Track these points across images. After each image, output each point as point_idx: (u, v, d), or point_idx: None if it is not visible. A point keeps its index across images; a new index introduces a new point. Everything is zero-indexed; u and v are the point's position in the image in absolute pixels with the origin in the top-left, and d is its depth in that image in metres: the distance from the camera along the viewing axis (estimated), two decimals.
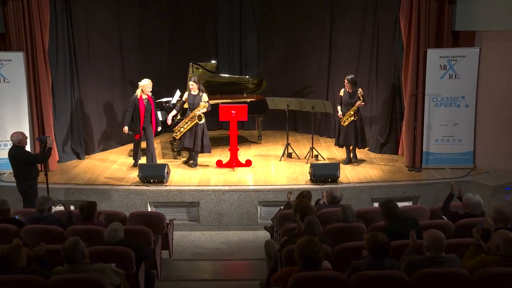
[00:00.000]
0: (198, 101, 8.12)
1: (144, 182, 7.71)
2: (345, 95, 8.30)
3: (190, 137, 8.16)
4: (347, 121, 8.25)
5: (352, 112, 8.20)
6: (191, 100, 8.16)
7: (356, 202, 7.55)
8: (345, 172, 8.22)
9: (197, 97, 8.17)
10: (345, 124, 8.26)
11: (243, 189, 7.61)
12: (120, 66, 9.91)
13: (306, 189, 7.01)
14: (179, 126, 8.31)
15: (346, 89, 8.29)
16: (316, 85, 10.75)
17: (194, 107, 8.13)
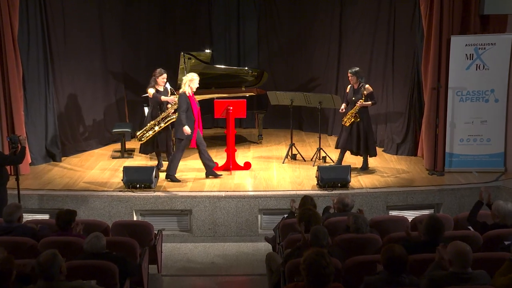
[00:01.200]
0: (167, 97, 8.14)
1: (129, 188, 7.70)
2: (350, 91, 8.22)
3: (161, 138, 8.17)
4: (348, 121, 8.11)
5: (354, 112, 8.04)
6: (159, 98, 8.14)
7: (370, 210, 7.53)
8: (357, 176, 8.20)
9: (164, 93, 8.19)
10: (346, 124, 8.14)
11: (242, 195, 7.60)
12: (101, 56, 9.90)
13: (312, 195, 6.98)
14: (145, 130, 8.19)
15: (351, 84, 8.20)
16: (324, 77, 10.74)
17: (165, 105, 8.09)
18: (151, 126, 8.14)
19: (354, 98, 8.05)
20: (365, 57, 9.80)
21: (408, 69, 9.09)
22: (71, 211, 5.61)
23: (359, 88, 8.06)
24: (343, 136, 8.26)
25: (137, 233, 5.91)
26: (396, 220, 6.06)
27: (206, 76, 9.56)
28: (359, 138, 8.11)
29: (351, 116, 8.06)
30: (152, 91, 8.18)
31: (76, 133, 9.56)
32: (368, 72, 9.77)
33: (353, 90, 8.12)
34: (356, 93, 8.07)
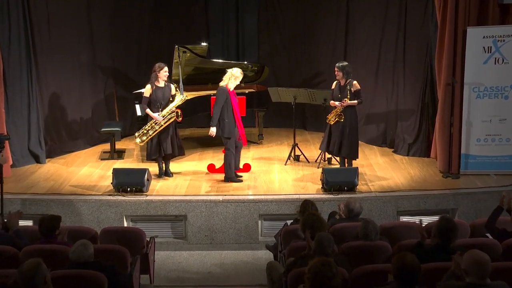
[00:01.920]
0: (168, 94, 8.03)
1: (119, 191, 7.69)
2: (335, 88, 8.12)
3: (167, 139, 8.06)
4: (332, 120, 8.02)
5: (339, 111, 7.95)
6: (160, 94, 7.99)
7: (379, 216, 7.52)
8: (365, 179, 8.19)
9: (166, 89, 8.06)
10: (330, 122, 8.06)
11: (241, 200, 7.59)
12: (89, 50, 9.89)
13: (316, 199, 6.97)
14: (144, 130, 8.10)
15: (337, 80, 8.11)
16: (330, 72, 10.64)
17: (165, 103, 8.00)
18: (151, 125, 8.09)
19: (341, 96, 7.96)
20: (374, 50, 9.78)
21: (420, 64, 9.07)
22: (55, 217, 5.58)
23: (346, 85, 7.97)
24: (325, 135, 8.19)
25: (128, 241, 5.89)
26: (407, 227, 6.05)
27: (202, 71, 9.55)
28: (342, 139, 8.00)
29: (335, 115, 7.98)
30: (148, 90, 8.01)
31: (61, 132, 9.53)
32: (377, 66, 9.77)
33: (339, 87, 8.03)
34: (342, 91, 7.97)
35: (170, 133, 8.04)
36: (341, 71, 7.95)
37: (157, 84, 8.00)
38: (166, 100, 8.02)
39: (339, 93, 7.98)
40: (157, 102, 7.99)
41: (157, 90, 8.01)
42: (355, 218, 5.96)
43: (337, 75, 8.01)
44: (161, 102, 7.99)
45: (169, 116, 7.96)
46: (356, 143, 8.18)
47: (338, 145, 8.03)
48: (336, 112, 7.98)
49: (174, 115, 7.97)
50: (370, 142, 10.00)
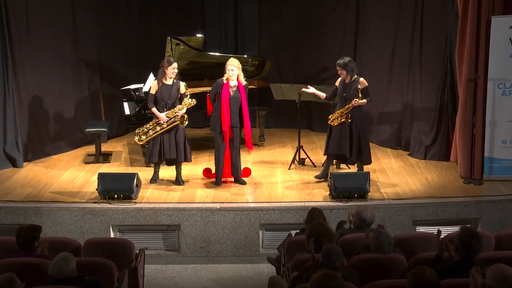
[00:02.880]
0: (176, 93, 8.02)
1: (106, 198, 7.68)
2: (340, 86, 8.08)
3: (170, 144, 8.06)
4: (336, 121, 8.00)
5: (345, 112, 7.94)
6: (165, 93, 8.01)
7: (393, 226, 7.51)
8: (377, 185, 8.17)
9: (173, 87, 8.06)
10: (334, 123, 8.02)
11: (240, 208, 7.58)
12: (72, 41, 9.89)
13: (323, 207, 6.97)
14: (146, 128, 8.13)
15: (342, 78, 8.07)
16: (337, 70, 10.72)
17: (171, 103, 8.00)
18: (153, 125, 8.08)
19: (346, 95, 7.94)
20: (387, 42, 9.78)
21: (439, 57, 9.06)
22: (34, 227, 5.57)
23: (352, 82, 7.95)
24: (332, 140, 8.13)
25: (115, 253, 5.88)
26: (424, 238, 6.03)
27: (197, 65, 9.55)
28: (352, 142, 7.97)
29: (341, 116, 7.95)
30: (154, 86, 8.00)
31: (41, 133, 9.53)
32: (390, 59, 9.76)
33: (344, 85, 8.00)
34: (349, 88, 7.94)
35: (174, 137, 8.03)
36: (344, 68, 7.92)
37: (164, 81, 7.99)
38: (173, 100, 7.99)
39: (344, 91, 7.97)
40: (162, 101, 7.98)
41: (163, 88, 7.99)
42: (366, 228, 5.94)
43: (341, 73, 7.98)
44: (166, 101, 7.97)
45: (173, 119, 7.96)
46: (368, 146, 8.19)
47: (350, 149, 8.00)
48: (341, 112, 7.96)
49: (178, 119, 7.96)
50: (383, 144, 9.99)
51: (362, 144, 8.06)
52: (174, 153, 8.05)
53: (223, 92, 7.92)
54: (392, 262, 5.31)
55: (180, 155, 8.09)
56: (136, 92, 9.54)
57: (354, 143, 8.00)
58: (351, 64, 7.97)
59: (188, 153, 8.20)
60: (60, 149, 9.77)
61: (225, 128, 7.95)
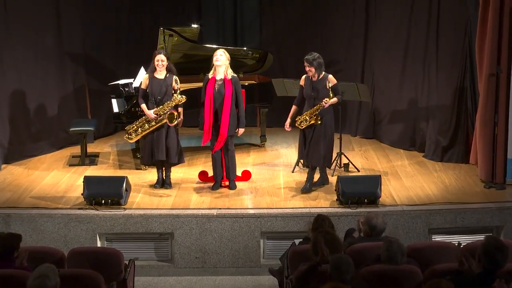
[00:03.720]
0: (166, 89, 8.01)
1: (92, 204, 7.68)
2: (306, 84, 8.00)
3: (159, 144, 8.06)
4: (304, 123, 7.91)
5: (314, 113, 7.85)
6: (156, 87, 8.00)
7: (406, 234, 7.52)
8: (390, 189, 8.17)
9: (164, 82, 8.05)
10: (301, 126, 7.95)
11: (239, 214, 7.59)
12: (55, 32, 9.90)
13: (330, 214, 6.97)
14: (135, 126, 8.14)
15: (308, 75, 7.98)
16: (346, 61, 10.72)
17: (161, 99, 8.01)
18: (142, 122, 8.09)
19: (314, 94, 7.87)
20: (400, 32, 9.78)
21: (457, 49, 9.06)
22: (13, 236, 5.55)
23: (320, 80, 7.88)
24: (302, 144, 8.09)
25: (102, 264, 5.86)
26: (441, 248, 6.02)
27: (192, 58, 9.54)
28: (318, 145, 7.93)
29: (310, 117, 7.89)
30: (144, 80, 8.02)
31: (21, 132, 9.54)
32: (404, 52, 9.76)
33: (311, 83, 7.93)
34: (317, 87, 7.89)
35: (164, 136, 8.03)
36: (312, 65, 7.84)
37: (155, 75, 8.00)
38: (163, 95, 7.99)
39: (312, 90, 7.89)
40: (152, 97, 8.00)
41: (154, 82, 8.00)
42: (377, 237, 5.94)
43: (309, 70, 7.87)
44: (156, 97, 7.98)
45: (162, 117, 7.95)
46: (332, 150, 8.22)
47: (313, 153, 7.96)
48: (311, 113, 7.87)
49: (166, 117, 7.95)
50: (395, 144, 10.00)
51: (330, 146, 8.07)
52: (164, 154, 8.04)
53: (207, 87, 7.96)
54: (406, 274, 5.29)
55: (170, 156, 8.08)
56: (126, 88, 9.54)
57: (320, 146, 7.95)
58: (320, 60, 7.88)
59: (181, 154, 8.20)
60: (42, 150, 9.77)
61: (205, 126, 7.95)
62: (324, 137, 7.97)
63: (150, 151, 8.12)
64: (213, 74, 7.99)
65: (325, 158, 8.06)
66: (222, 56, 7.92)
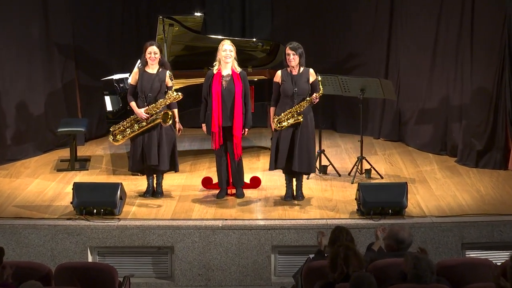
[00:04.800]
0: (159, 85, 8.00)
1: (83, 214, 7.69)
2: (285, 79, 7.87)
3: (150, 147, 8.04)
4: (285, 122, 7.82)
5: (299, 109, 7.81)
6: (146, 83, 7.97)
7: (436, 250, 7.50)
8: (417, 198, 8.16)
9: (157, 76, 8.03)
10: (282, 126, 7.84)
11: (247, 226, 7.59)
12: (41, 22, 9.92)
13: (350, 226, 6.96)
14: (123, 126, 8.13)
15: (287, 69, 7.86)
16: (369, 53, 10.72)
17: (153, 97, 8.00)
18: (131, 122, 8.10)
19: (297, 89, 7.81)
20: (430, 21, 9.77)
21: (494, 42, 9.06)
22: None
23: (301, 74, 7.82)
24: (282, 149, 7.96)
25: (93, 281, 5.87)
26: (476, 265, 6.00)
27: (195, 51, 9.56)
28: (301, 148, 7.90)
29: (292, 116, 7.82)
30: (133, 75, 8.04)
31: (2, 133, 9.57)
32: (434, 44, 9.75)
33: (292, 77, 7.86)
34: (299, 81, 7.82)
35: (157, 139, 8.02)
36: (297, 54, 7.78)
37: (146, 69, 8.00)
38: (155, 93, 7.98)
39: (294, 86, 7.81)
40: (142, 94, 7.99)
41: (145, 77, 7.98)
42: (402, 252, 5.93)
43: (292, 60, 7.77)
44: (147, 94, 7.97)
45: (154, 116, 7.96)
46: (315, 152, 8.24)
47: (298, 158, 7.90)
48: (294, 112, 7.81)
49: (160, 117, 7.94)
50: (423, 148, 9.99)
51: (313, 149, 8.06)
52: (156, 159, 8.02)
53: (213, 84, 7.92)
54: None
55: (162, 162, 8.06)
56: (120, 84, 9.53)
57: (304, 150, 7.92)
58: (302, 49, 7.85)
59: (174, 161, 8.18)
60: (26, 154, 9.81)
61: (214, 128, 7.94)
62: (312, 139, 8.01)
63: (140, 155, 8.09)
64: (218, 69, 7.99)
65: (311, 161, 8.06)
66: (232, 52, 7.93)
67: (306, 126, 7.90)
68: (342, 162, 9.38)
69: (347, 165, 9.20)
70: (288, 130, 7.89)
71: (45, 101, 10.03)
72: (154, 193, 8.31)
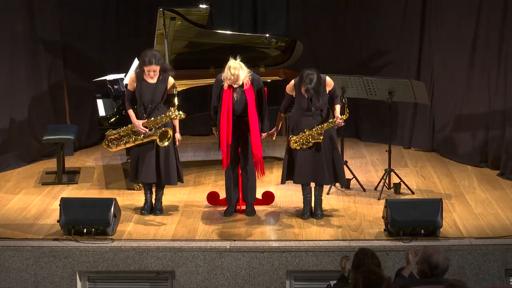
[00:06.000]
0: (161, 94, 8.02)
1: (71, 234, 7.70)
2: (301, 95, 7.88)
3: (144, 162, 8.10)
4: (305, 143, 7.88)
5: (320, 131, 7.85)
6: (146, 93, 7.99)
7: (476, 276, 7.48)
8: (454, 217, 8.15)
9: (157, 86, 8.04)
10: (298, 146, 7.92)
11: (259, 248, 7.59)
12: (26, 15, 9.98)
13: (376, 248, 6.95)
14: (119, 133, 8.20)
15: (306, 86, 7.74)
16: (398, 52, 10.72)
17: (154, 108, 8.04)
18: (128, 132, 8.14)
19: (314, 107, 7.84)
20: (468, 17, 9.77)
21: None
22: None
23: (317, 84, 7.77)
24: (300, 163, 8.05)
25: None
26: None
27: (200, 48, 9.63)
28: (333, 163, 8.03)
29: (313, 137, 7.87)
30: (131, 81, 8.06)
31: None
32: (472, 41, 9.75)
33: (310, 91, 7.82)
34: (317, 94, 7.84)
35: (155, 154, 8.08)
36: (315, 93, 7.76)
37: (145, 78, 8.00)
38: (157, 103, 8.03)
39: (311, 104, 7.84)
40: (141, 105, 8.04)
41: (143, 86, 8.00)
42: (437, 279, 5.91)
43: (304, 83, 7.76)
44: (147, 105, 8.02)
45: (152, 132, 8.00)
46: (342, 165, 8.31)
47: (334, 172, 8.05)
48: (313, 133, 7.86)
49: (157, 135, 7.97)
50: (462, 159, 10.00)
51: (338, 164, 8.10)
52: (150, 176, 8.09)
53: (224, 96, 7.91)
54: None
55: (162, 177, 8.13)
56: (115, 85, 9.58)
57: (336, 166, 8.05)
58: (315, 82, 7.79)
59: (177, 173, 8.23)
60: (8, 165, 9.87)
61: (223, 146, 7.95)
62: (336, 147, 8.10)
63: (136, 167, 8.17)
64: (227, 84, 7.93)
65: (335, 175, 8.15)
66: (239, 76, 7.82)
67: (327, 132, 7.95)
68: (368, 175, 9.38)
69: (373, 179, 9.21)
70: None
71: (29, 104, 10.09)
72: (153, 210, 8.33)
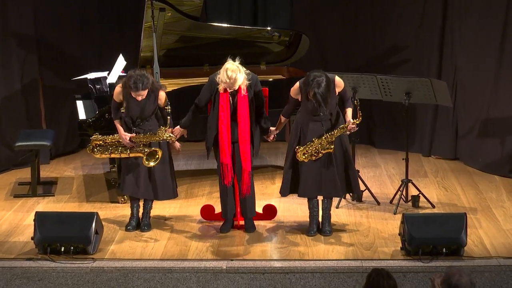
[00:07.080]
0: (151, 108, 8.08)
1: (47, 253, 7.70)
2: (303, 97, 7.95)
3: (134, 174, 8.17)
4: (314, 154, 7.96)
5: (330, 139, 7.91)
6: (134, 109, 8.05)
7: None
8: (480, 234, 8.17)
9: (147, 103, 8.08)
10: (306, 159, 7.99)
11: (259, 268, 7.59)
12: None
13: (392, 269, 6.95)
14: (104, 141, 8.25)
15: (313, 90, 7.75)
16: (416, 48, 10.75)
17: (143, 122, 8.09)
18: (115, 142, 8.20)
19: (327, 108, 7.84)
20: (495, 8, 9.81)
21: None
22: None
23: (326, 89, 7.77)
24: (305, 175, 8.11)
25: None
26: None
27: (193, 43, 9.67)
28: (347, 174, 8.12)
29: (323, 147, 7.92)
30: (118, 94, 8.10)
31: None
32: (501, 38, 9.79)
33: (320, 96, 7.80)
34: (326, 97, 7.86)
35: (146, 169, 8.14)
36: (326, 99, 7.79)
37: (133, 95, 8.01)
38: (146, 116, 8.09)
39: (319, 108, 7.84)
40: (129, 118, 8.10)
41: (131, 102, 8.03)
42: None
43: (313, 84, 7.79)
44: (135, 119, 8.09)
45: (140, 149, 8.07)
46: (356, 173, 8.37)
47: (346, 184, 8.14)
48: (323, 142, 7.91)
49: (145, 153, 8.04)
50: (488, 169, 10.05)
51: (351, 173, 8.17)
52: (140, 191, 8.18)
53: (221, 102, 7.95)
54: None
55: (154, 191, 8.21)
56: (97, 85, 9.59)
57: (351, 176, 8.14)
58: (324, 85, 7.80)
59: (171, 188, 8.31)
60: None
61: (224, 159, 7.99)
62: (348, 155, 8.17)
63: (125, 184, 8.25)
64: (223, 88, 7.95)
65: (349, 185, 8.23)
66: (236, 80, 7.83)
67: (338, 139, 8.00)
68: (382, 187, 9.43)
69: (389, 191, 9.25)
70: None
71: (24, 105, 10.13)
72: (140, 226, 8.35)
